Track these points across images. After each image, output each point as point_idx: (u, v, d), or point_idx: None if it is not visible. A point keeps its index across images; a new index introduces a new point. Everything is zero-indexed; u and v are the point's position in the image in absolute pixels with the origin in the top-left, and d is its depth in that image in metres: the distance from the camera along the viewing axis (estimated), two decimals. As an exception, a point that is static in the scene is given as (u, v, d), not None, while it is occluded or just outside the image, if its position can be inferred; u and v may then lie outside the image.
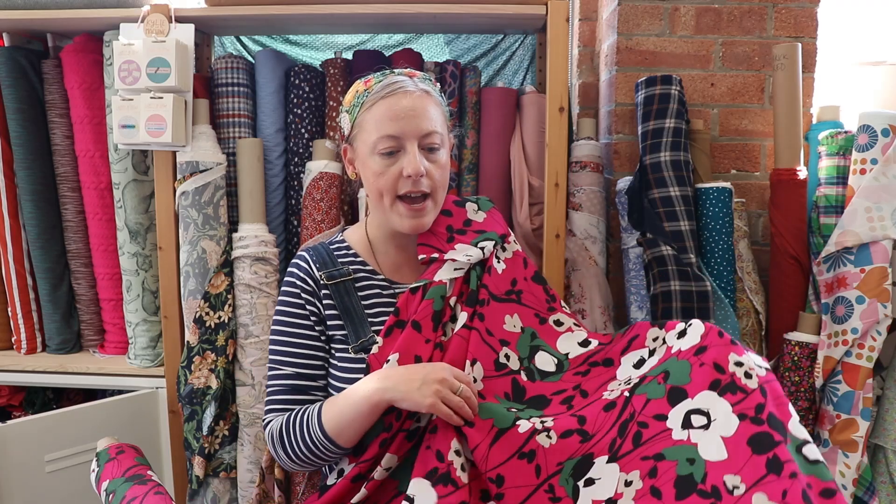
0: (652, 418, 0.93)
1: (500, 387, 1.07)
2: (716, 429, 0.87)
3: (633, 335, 1.09)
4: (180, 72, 1.53)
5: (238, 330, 1.61)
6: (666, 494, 0.85)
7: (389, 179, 1.08)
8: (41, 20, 1.61)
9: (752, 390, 0.87)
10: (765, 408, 0.85)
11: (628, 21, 1.71)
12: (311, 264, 1.14)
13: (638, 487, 0.88)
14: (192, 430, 1.59)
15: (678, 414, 0.91)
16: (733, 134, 1.74)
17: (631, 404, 0.97)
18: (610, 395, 1.01)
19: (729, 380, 0.89)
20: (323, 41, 1.96)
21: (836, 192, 1.54)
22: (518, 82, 1.96)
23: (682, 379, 0.94)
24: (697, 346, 0.95)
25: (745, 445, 0.83)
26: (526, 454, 0.96)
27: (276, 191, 1.71)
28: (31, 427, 1.48)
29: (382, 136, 1.06)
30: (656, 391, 0.95)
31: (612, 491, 0.90)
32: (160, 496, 1.16)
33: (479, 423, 0.99)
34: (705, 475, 0.84)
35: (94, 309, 1.79)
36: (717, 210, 1.57)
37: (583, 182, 1.68)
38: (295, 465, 1.08)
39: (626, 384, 1.02)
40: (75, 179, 1.72)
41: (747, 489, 0.80)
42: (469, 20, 1.69)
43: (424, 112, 1.08)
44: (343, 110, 1.14)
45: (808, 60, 1.69)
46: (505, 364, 1.09)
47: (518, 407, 1.05)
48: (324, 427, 1.02)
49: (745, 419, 0.85)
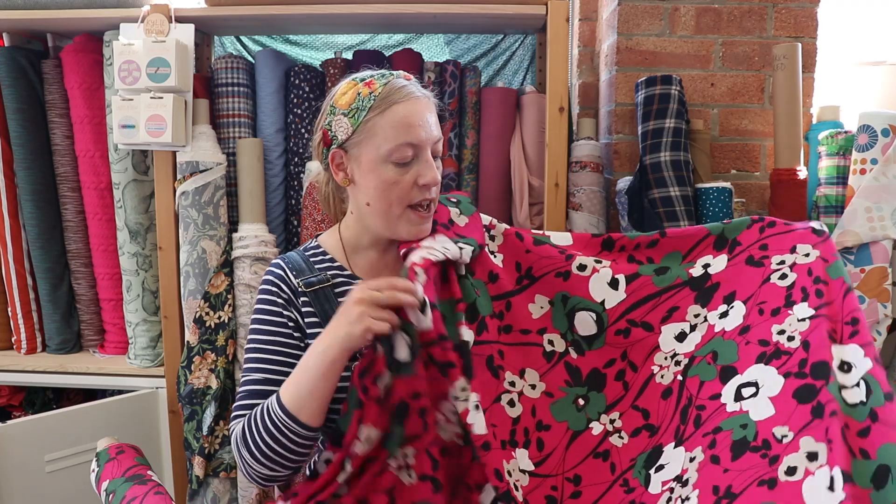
0: (708, 399, 0.98)
1: (558, 378, 1.09)
2: (764, 392, 0.92)
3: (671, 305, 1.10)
4: (180, 72, 1.53)
5: (238, 330, 1.61)
6: (723, 459, 0.90)
7: (404, 189, 1.03)
8: (41, 20, 1.61)
9: (794, 350, 0.92)
10: (807, 362, 0.89)
11: (628, 21, 1.71)
12: (287, 272, 1.08)
13: (700, 460, 0.93)
14: (192, 430, 1.59)
15: (730, 390, 0.96)
16: (733, 134, 1.74)
17: (686, 388, 1.01)
18: (663, 380, 1.05)
19: (773, 349, 0.94)
20: (323, 41, 1.96)
21: (836, 192, 1.54)
22: (518, 82, 1.96)
23: (730, 357, 0.99)
24: (741, 327, 1.00)
25: (790, 398, 0.88)
26: (601, 454, 1.02)
27: (276, 191, 1.71)
28: (31, 427, 1.48)
29: (402, 144, 1.01)
30: (708, 372, 1.00)
31: (679, 469, 0.95)
32: (160, 496, 1.16)
33: (555, 426, 1.04)
34: (756, 433, 0.89)
35: (94, 309, 1.79)
36: (717, 210, 1.57)
37: (583, 182, 1.68)
38: (262, 467, 0.97)
39: (675, 364, 1.05)
40: (75, 179, 1.72)
41: (795, 435, 0.85)
42: (469, 20, 1.69)
43: (433, 118, 1.06)
44: (338, 112, 1.05)
45: (808, 60, 1.69)
46: (553, 351, 1.11)
47: (581, 392, 1.08)
48: (284, 405, 0.94)
49: (790, 376, 0.90)
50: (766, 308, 0.99)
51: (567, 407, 1.07)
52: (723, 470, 0.90)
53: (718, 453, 0.92)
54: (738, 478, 0.88)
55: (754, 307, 1.01)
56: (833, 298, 0.95)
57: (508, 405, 1.05)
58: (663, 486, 0.96)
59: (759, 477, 0.86)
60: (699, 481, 0.91)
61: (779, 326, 0.96)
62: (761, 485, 0.85)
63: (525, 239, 1.17)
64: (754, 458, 0.88)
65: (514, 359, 1.08)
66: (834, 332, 0.92)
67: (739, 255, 1.07)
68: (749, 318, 1.00)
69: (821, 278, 0.97)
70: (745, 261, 1.06)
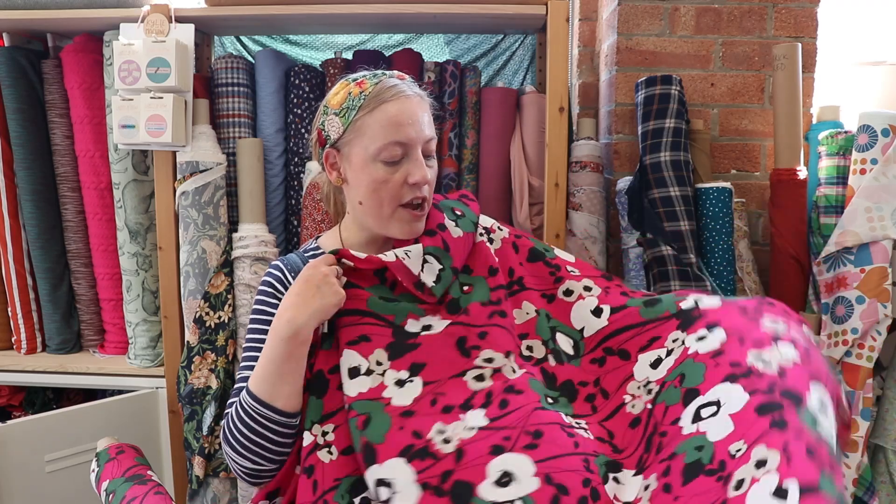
0: (669, 425, 0.93)
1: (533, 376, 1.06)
2: (724, 410, 0.85)
3: (652, 336, 1.06)
4: (180, 72, 1.53)
5: (238, 330, 1.61)
6: (675, 485, 0.84)
7: (394, 187, 1.03)
8: (41, 20, 1.61)
9: (768, 374, 0.85)
10: (777, 386, 0.82)
11: (628, 21, 1.71)
12: (286, 273, 1.08)
13: (653, 488, 0.87)
14: (192, 430, 1.59)
15: (690, 411, 0.91)
16: (733, 134, 1.74)
17: (653, 416, 0.97)
18: (633, 409, 1.01)
19: (744, 370, 0.88)
20: (323, 41, 1.96)
21: (836, 192, 1.54)
22: (518, 82, 1.96)
23: (696, 380, 0.93)
24: (715, 351, 0.95)
25: (751, 413, 0.81)
26: (566, 431, 0.95)
27: (276, 191, 1.71)
28: (31, 427, 1.48)
29: (391, 143, 1.02)
30: (673, 396, 0.95)
31: (632, 496, 0.89)
32: (160, 496, 1.16)
33: (529, 393, 0.98)
34: (713, 455, 0.82)
35: (94, 309, 1.79)
36: (717, 210, 1.57)
37: (583, 182, 1.68)
38: (245, 460, 0.94)
39: (647, 393, 1.01)
40: (75, 179, 1.72)
41: (748, 446, 0.78)
42: (469, 20, 1.69)
43: (425, 117, 1.05)
44: (330, 112, 1.06)
45: (808, 60, 1.69)
46: (529, 356, 1.07)
47: (552, 395, 1.04)
48: (254, 394, 0.93)
49: (756, 393, 0.83)
50: (748, 339, 0.93)
51: (541, 389, 1.02)
52: (673, 498, 0.83)
53: (671, 481, 0.85)
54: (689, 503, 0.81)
55: (734, 337, 0.95)
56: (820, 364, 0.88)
57: (475, 379, 1.00)
58: (615, 500, 0.90)
59: (711, 502, 0.78)
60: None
61: (756, 352, 0.89)
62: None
63: (520, 251, 1.16)
64: (708, 482, 0.81)
65: (503, 340, 1.04)
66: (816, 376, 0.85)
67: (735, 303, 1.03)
68: (726, 345, 0.94)
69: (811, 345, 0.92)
70: (738, 309, 1.01)
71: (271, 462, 0.95)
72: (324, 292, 0.93)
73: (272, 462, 0.96)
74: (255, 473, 0.97)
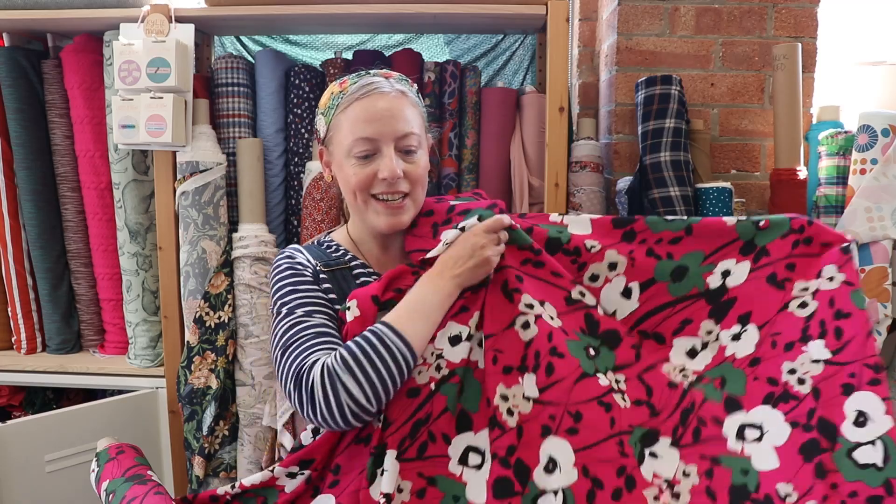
0: (710, 419, 0.98)
1: (574, 323, 1.06)
2: (768, 440, 0.91)
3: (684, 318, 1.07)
4: (180, 72, 1.53)
5: (238, 330, 1.61)
6: (720, 499, 0.90)
7: (364, 180, 1.06)
8: (41, 20, 1.61)
9: (804, 396, 0.91)
10: (815, 413, 0.88)
11: (628, 21, 1.71)
12: (304, 253, 1.10)
13: (695, 482, 0.93)
14: (192, 430, 1.59)
15: (733, 425, 0.96)
16: (733, 134, 1.74)
17: (690, 394, 1.01)
18: (670, 375, 1.05)
19: (782, 391, 0.94)
20: (323, 41, 1.96)
21: (836, 192, 1.54)
22: (518, 82, 1.96)
23: (738, 390, 0.98)
24: (752, 357, 0.99)
25: (796, 454, 0.87)
26: (604, 403, 0.99)
27: (276, 191, 1.71)
28: (31, 427, 1.48)
29: (358, 139, 1.04)
30: (713, 395, 1.00)
31: (671, 474, 0.95)
32: (160, 496, 1.16)
33: (568, 356, 1.01)
34: (758, 485, 0.88)
35: (94, 309, 1.79)
36: (717, 210, 1.57)
37: (583, 182, 1.68)
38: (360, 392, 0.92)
39: (682, 377, 1.04)
40: (75, 179, 1.72)
41: (799, 497, 0.84)
42: (469, 20, 1.69)
43: (400, 113, 1.06)
44: (318, 112, 1.12)
45: (808, 60, 1.69)
46: (578, 299, 1.08)
47: (594, 344, 1.06)
48: (400, 332, 0.95)
49: (797, 426, 0.89)
50: (780, 341, 0.98)
51: (579, 349, 1.03)
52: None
53: (715, 489, 0.91)
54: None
55: (768, 337, 1.00)
56: (855, 335, 0.92)
57: (522, 328, 1.02)
58: (654, 478, 0.95)
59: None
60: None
61: (790, 364, 0.95)
62: None
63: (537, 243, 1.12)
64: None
65: (536, 289, 1.05)
66: (852, 377, 0.88)
67: (763, 269, 1.04)
68: (761, 349, 0.99)
69: (842, 312, 0.94)
70: (766, 277, 1.03)
71: (378, 400, 0.94)
72: (477, 262, 1.01)
73: (379, 400, 0.94)
74: (357, 412, 0.93)
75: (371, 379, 0.93)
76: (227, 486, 1.06)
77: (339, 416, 0.93)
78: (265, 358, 1.61)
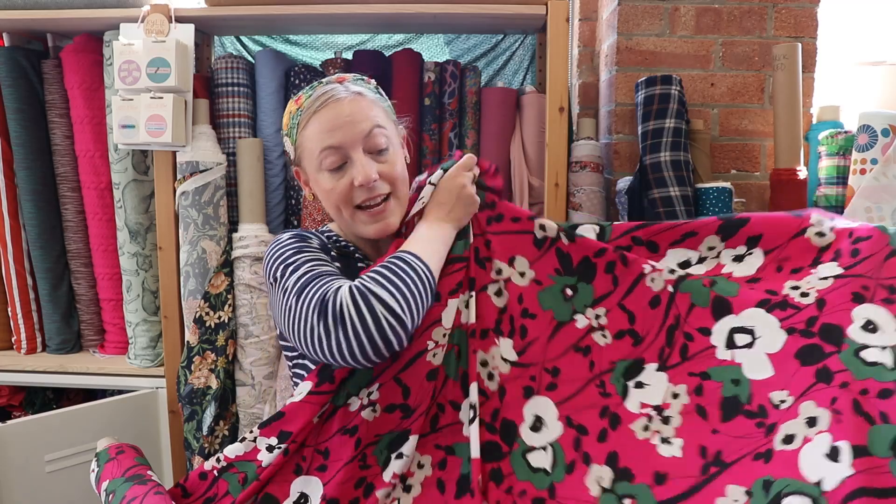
0: (696, 331, 0.93)
1: (548, 265, 1.03)
2: (760, 346, 0.86)
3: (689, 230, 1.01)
4: (180, 72, 1.53)
5: (238, 330, 1.61)
6: (711, 415, 0.87)
7: (343, 193, 1.03)
8: (41, 20, 1.61)
9: (805, 306, 0.84)
10: (817, 320, 0.82)
11: (628, 21, 1.71)
12: (308, 232, 1.09)
13: (685, 402, 0.90)
14: (192, 430, 1.59)
15: (721, 331, 0.91)
16: (733, 134, 1.74)
17: (675, 305, 0.96)
18: (653, 284, 0.98)
19: (780, 300, 0.87)
20: (323, 41, 1.96)
21: (836, 192, 1.54)
22: (518, 82, 1.96)
23: (728, 290, 0.92)
24: (751, 277, 0.94)
25: (792, 358, 0.82)
26: (582, 349, 0.99)
27: (276, 191, 1.71)
28: (31, 427, 1.48)
29: (323, 150, 1.01)
30: (701, 296, 0.94)
31: (659, 399, 0.93)
32: (160, 496, 1.16)
33: (541, 315, 1.00)
34: (751, 395, 0.84)
35: (94, 309, 1.79)
36: (717, 210, 1.57)
37: (583, 182, 1.68)
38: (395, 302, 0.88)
39: (668, 272, 0.98)
40: (75, 179, 1.72)
41: (795, 400, 0.79)
42: (469, 20, 1.69)
43: (360, 114, 1.02)
44: (283, 134, 1.09)
45: (808, 60, 1.69)
46: (544, 238, 1.04)
47: (570, 282, 1.02)
48: (426, 262, 0.95)
49: (794, 333, 0.83)
50: (787, 266, 0.91)
51: (555, 296, 1.02)
52: (711, 430, 0.86)
53: (706, 406, 0.88)
54: (731, 445, 0.84)
55: (773, 262, 0.93)
56: (874, 252, 0.85)
57: (495, 295, 1.03)
58: (642, 407, 0.93)
59: (754, 449, 0.81)
60: (683, 429, 0.89)
61: (794, 282, 0.88)
62: (757, 458, 0.80)
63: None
64: (748, 424, 0.83)
65: (503, 247, 1.04)
66: (865, 289, 0.81)
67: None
68: (763, 272, 0.93)
69: (862, 237, 0.87)
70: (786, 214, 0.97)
71: (411, 314, 0.90)
72: (468, 204, 1.04)
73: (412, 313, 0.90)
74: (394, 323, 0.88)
75: (402, 290, 0.89)
76: (213, 461, 1.05)
77: (375, 331, 0.86)
78: (265, 358, 1.61)
